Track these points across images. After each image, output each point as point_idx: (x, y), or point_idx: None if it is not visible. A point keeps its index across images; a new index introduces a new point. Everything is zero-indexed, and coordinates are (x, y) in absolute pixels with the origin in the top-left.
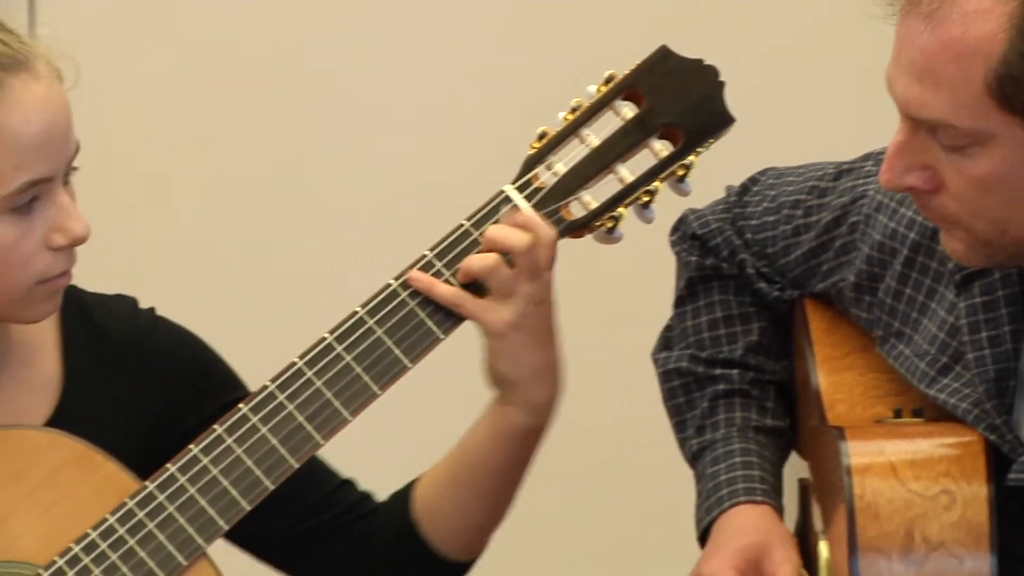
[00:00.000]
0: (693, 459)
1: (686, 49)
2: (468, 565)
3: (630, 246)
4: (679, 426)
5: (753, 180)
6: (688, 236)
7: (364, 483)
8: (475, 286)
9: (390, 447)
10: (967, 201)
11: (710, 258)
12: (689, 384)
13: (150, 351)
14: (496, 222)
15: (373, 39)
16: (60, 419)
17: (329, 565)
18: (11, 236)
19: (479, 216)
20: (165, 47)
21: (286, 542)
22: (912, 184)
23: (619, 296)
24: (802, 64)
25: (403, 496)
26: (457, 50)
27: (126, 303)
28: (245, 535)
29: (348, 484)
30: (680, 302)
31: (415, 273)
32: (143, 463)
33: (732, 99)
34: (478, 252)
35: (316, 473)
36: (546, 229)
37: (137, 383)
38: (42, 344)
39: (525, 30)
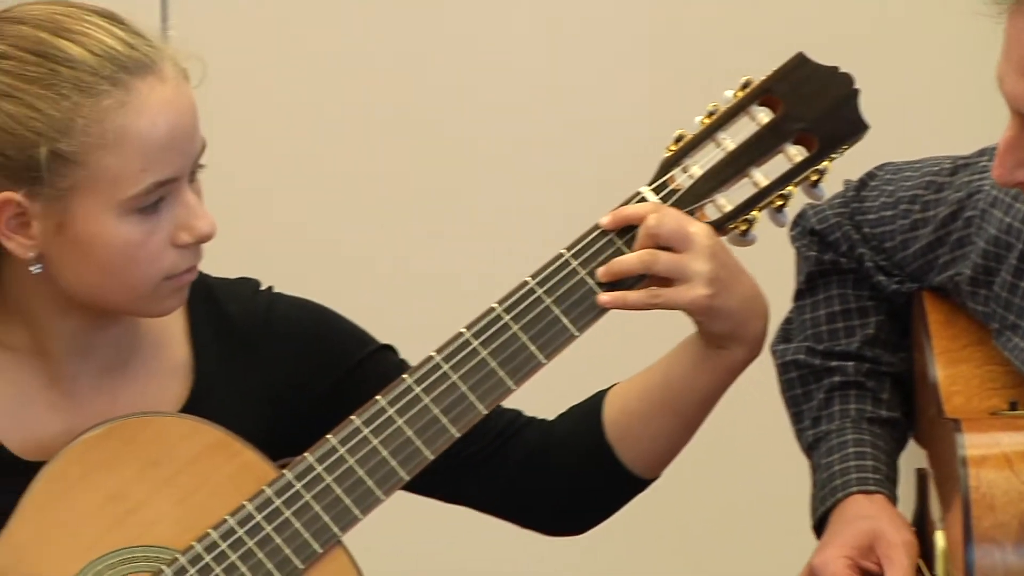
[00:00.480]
0: (809, 449)
1: (816, 54)
2: (652, 482)
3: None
4: (796, 417)
5: (871, 175)
6: (807, 231)
7: None
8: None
9: None
10: None
11: (829, 253)
12: (806, 376)
13: (275, 329)
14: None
15: (515, 44)
16: (193, 405)
17: (500, 484)
18: (138, 235)
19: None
20: (294, 47)
21: (456, 470)
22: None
23: None
24: (919, 60)
25: (591, 419)
26: (597, 57)
27: (248, 285)
28: (425, 479)
29: (519, 415)
30: (799, 296)
31: (605, 296)
32: (275, 441)
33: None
34: (627, 259)
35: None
36: (692, 225)
37: (265, 363)
38: (170, 332)
39: (664, 37)
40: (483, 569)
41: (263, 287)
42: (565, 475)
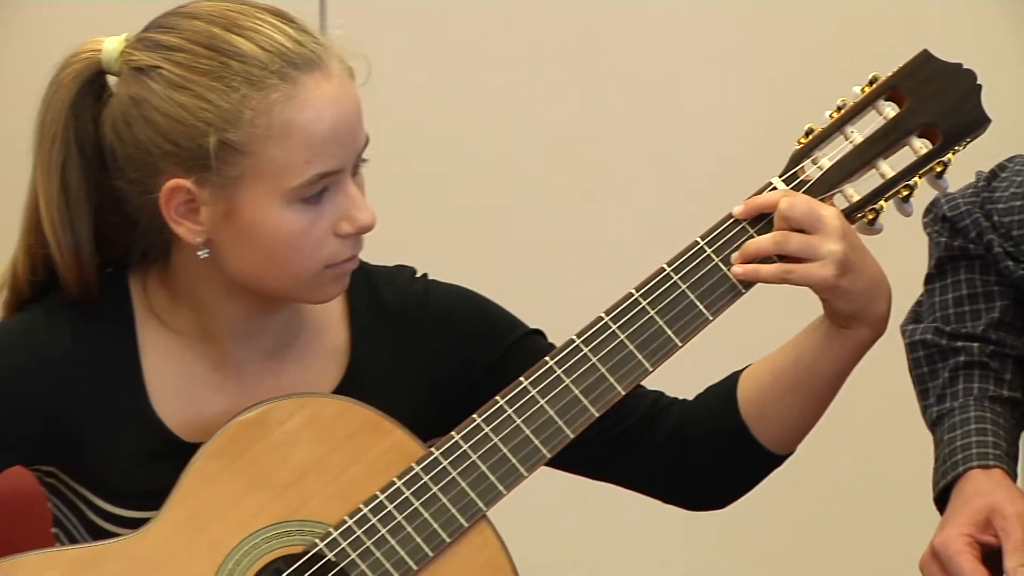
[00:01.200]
0: (933, 425)
1: (943, 52)
2: (787, 457)
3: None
4: (922, 394)
5: (1001, 167)
6: (939, 218)
7: None
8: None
9: None
10: None
11: (959, 239)
12: (933, 355)
13: (429, 315)
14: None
15: (659, 45)
16: (348, 385)
17: (644, 462)
18: (302, 224)
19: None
20: (451, 46)
21: (599, 450)
22: None
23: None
24: None
25: (726, 399)
26: (736, 57)
27: (405, 272)
28: (569, 452)
29: (660, 395)
30: (929, 279)
31: (739, 268)
32: (425, 421)
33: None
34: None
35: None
36: (829, 208)
37: (419, 347)
38: (330, 316)
39: (797, 37)
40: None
41: (419, 274)
42: (706, 452)
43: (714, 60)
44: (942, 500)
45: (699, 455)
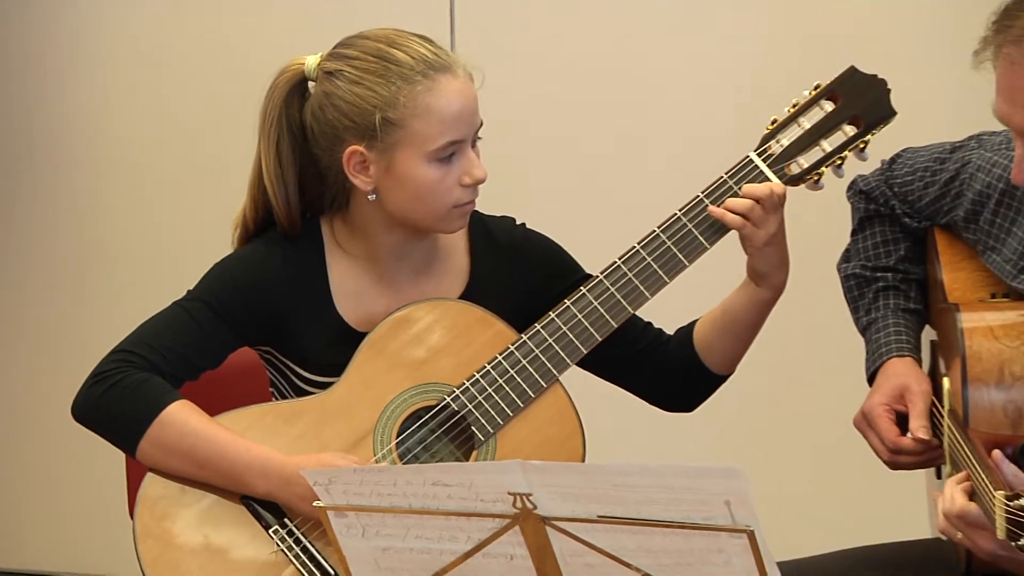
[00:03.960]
0: (864, 331)
1: (864, 66)
2: (729, 376)
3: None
4: (854, 310)
5: (897, 155)
6: (858, 192)
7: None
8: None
9: None
10: None
11: (872, 205)
12: (860, 283)
13: (525, 251)
14: (744, 179)
15: (665, 57)
16: (468, 294)
17: (645, 374)
18: (437, 175)
19: (734, 171)
20: (545, 60)
21: (619, 363)
22: None
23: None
24: (932, 78)
25: (684, 336)
26: (725, 71)
27: (508, 220)
28: (589, 361)
29: (650, 324)
30: (854, 233)
31: (713, 208)
32: (518, 321)
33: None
34: (738, 202)
35: (631, 320)
36: (779, 185)
37: (517, 271)
38: (457, 245)
39: (765, 57)
40: None
41: (518, 222)
42: (676, 371)
43: (706, 67)
44: (871, 381)
45: (675, 373)
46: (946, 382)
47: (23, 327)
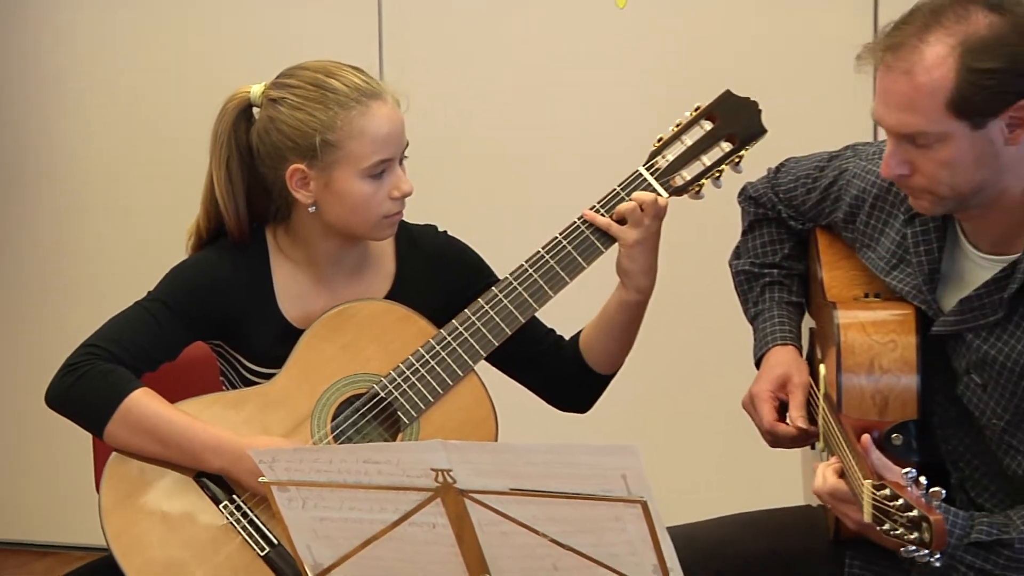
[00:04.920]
0: (752, 320)
1: (741, 87)
2: (611, 376)
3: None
4: (744, 302)
5: (782, 164)
6: (747, 197)
7: None
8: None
9: None
10: (932, 177)
11: (760, 209)
12: (750, 278)
13: (443, 255)
14: (634, 190)
15: (569, 85)
16: (393, 294)
17: (541, 372)
18: (370, 190)
19: (625, 183)
20: (458, 81)
21: (523, 361)
22: (900, 172)
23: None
24: (802, 93)
25: (574, 341)
26: (620, 96)
27: (431, 228)
28: (498, 357)
29: (552, 330)
30: (744, 233)
31: (588, 213)
32: (437, 318)
33: (766, 117)
34: (624, 203)
35: (535, 323)
36: (660, 197)
37: (438, 275)
38: (385, 251)
39: (653, 84)
40: None
41: (440, 230)
42: (569, 372)
43: (603, 94)
44: (758, 364)
45: (567, 375)
46: (822, 368)
47: (9, 324)
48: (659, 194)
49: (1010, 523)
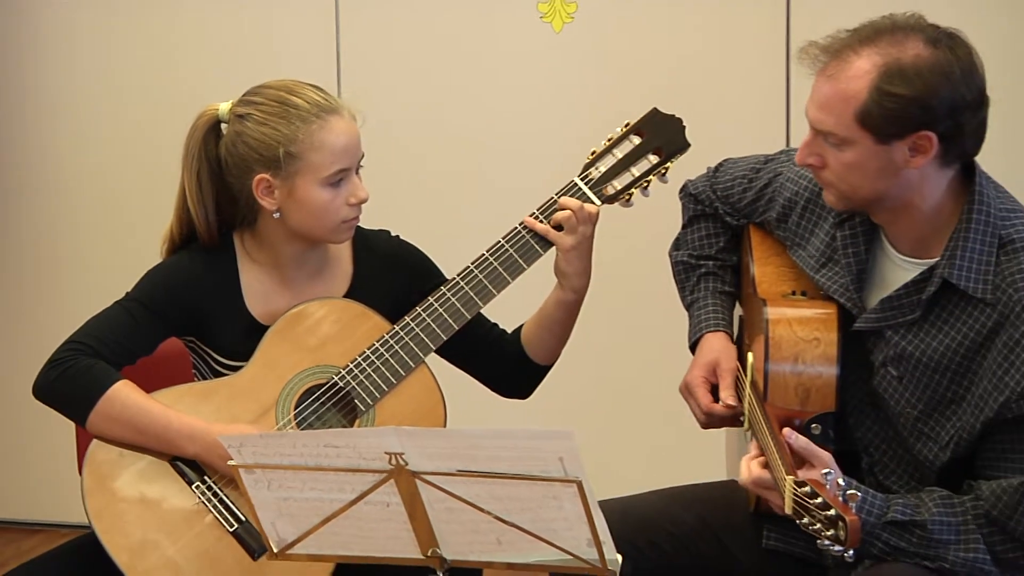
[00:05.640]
0: (688, 307)
1: (667, 105)
2: (550, 367)
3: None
4: (681, 291)
5: (720, 164)
6: (688, 195)
7: None
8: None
9: None
10: (837, 174)
11: (699, 206)
12: (688, 268)
13: (396, 257)
14: (569, 197)
15: (509, 101)
16: (351, 293)
17: (486, 363)
18: (329, 197)
19: (562, 191)
20: (410, 100)
21: (469, 353)
22: (811, 162)
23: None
24: (737, 107)
25: (516, 334)
26: (557, 114)
27: (384, 233)
28: (446, 349)
29: (496, 325)
30: (684, 227)
31: (529, 220)
32: (391, 314)
33: (691, 131)
34: (560, 210)
35: (480, 318)
36: (592, 205)
37: (391, 276)
38: (342, 254)
39: (586, 100)
40: None
41: (392, 234)
42: (510, 362)
43: (543, 113)
44: (693, 348)
45: (509, 364)
46: (750, 356)
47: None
48: (592, 202)
49: (922, 504)
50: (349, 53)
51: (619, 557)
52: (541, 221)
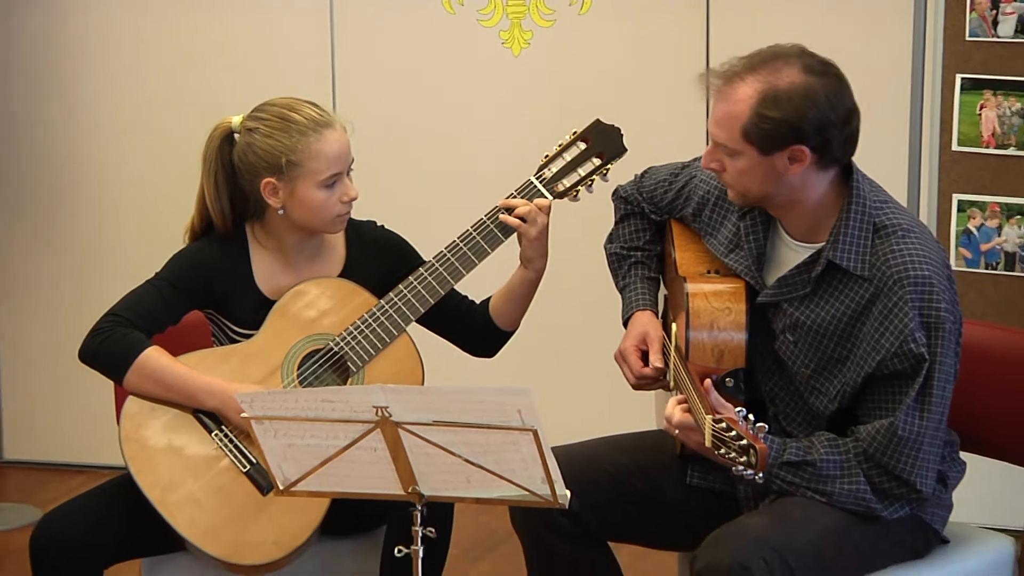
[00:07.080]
0: (621, 291)
1: (608, 116)
2: (512, 332)
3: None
4: (615, 277)
5: (645, 171)
6: (619, 197)
7: None
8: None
9: None
10: (733, 177)
11: (628, 206)
12: (620, 258)
13: (381, 244)
14: (527, 193)
15: (491, 108)
16: (345, 273)
17: (459, 330)
18: (325, 196)
19: (520, 189)
20: (399, 114)
21: (444, 321)
22: (712, 167)
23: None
24: (663, 119)
25: (484, 305)
26: (520, 123)
27: (371, 223)
28: (425, 319)
29: (466, 296)
30: (616, 224)
31: (504, 216)
32: (378, 292)
33: (628, 138)
34: (521, 206)
35: (453, 292)
36: (545, 200)
37: (379, 260)
38: (337, 242)
39: (541, 112)
40: None
41: (378, 224)
42: (480, 328)
43: (508, 122)
44: (626, 325)
45: (478, 329)
46: (674, 326)
47: (52, 298)
48: (545, 197)
49: (812, 446)
50: (342, 86)
51: (568, 492)
52: (505, 213)
